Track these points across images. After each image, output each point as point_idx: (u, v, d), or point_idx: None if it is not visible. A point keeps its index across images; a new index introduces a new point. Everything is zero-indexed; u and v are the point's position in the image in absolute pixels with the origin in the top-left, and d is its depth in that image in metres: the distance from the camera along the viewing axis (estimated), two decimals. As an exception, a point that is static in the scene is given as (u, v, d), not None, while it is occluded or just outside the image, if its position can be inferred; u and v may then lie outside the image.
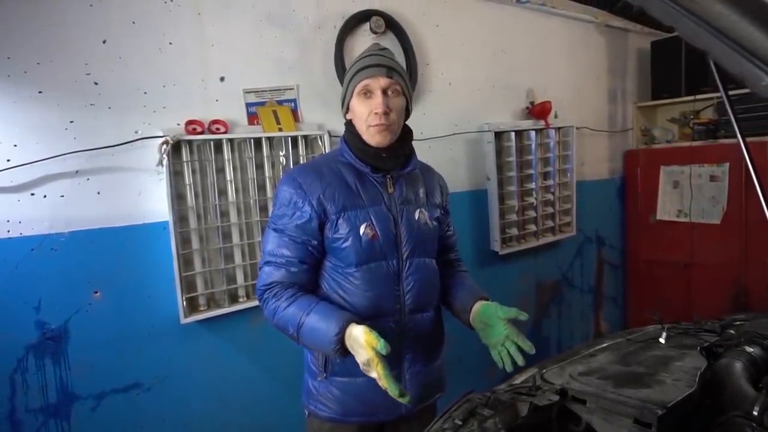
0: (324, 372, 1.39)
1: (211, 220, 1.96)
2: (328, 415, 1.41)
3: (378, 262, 1.34)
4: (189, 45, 1.91)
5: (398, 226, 1.37)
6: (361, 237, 1.31)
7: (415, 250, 1.39)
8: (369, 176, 1.36)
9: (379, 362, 1.13)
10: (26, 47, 1.62)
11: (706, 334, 1.71)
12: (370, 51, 1.39)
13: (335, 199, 1.31)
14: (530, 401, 1.20)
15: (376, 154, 1.35)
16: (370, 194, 1.35)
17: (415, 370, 1.42)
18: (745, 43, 0.54)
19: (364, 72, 1.32)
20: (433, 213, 1.47)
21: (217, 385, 2.01)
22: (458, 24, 2.73)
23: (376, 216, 1.34)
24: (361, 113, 1.33)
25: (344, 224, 1.31)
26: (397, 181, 1.39)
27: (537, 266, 3.23)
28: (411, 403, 1.18)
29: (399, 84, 1.34)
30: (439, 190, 1.53)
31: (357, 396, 1.38)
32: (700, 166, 3.32)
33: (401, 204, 1.38)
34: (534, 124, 3.01)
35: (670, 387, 1.28)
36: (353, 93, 1.34)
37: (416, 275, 1.39)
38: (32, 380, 1.67)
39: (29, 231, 1.66)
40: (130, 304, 1.83)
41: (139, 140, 1.81)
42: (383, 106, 1.30)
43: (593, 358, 1.59)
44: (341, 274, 1.34)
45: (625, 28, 3.66)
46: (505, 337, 1.35)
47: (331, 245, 1.34)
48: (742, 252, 3.15)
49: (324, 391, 1.40)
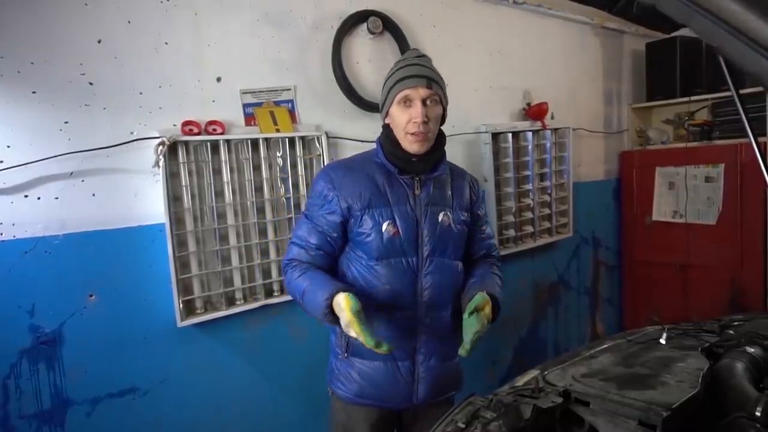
0: (346, 352, 1.50)
1: (207, 222, 1.94)
2: (344, 394, 1.51)
3: (398, 258, 1.43)
4: (185, 45, 1.89)
5: (420, 226, 1.44)
6: (383, 233, 1.41)
7: (436, 250, 1.46)
8: (397, 177, 1.45)
9: (356, 320, 1.24)
10: (20, 47, 1.60)
11: (706, 335, 1.71)
12: (409, 59, 1.45)
13: (361, 197, 1.41)
14: (533, 403, 1.19)
15: (406, 158, 1.44)
16: (396, 194, 1.44)
17: (429, 365, 1.49)
18: (762, 40, 0.53)
19: (405, 82, 1.39)
20: (459, 216, 1.53)
21: (214, 389, 1.99)
22: (455, 25, 2.73)
23: (400, 215, 1.42)
24: (400, 121, 1.41)
25: (368, 220, 1.41)
26: (424, 183, 1.47)
27: (534, 267, 3.23)
28: (385, 352, 1.26)
29: (438, 94, 1.41)
30: (469, 194, 1.59)
31: (372, 380, 1.48)
32: (695, 167, 3.34)
33: (426, 205, 1.45)
34: (531, 125, 3.01)
35: (674, 388, 1.27)
36: (393, 101, 1.41)
37: (435, 274, 1.46)
38: (26, 386, 1.64)
39: (23, 233, 1.63)
40: (126, 307, 1.80)
41: (134, 141, 1.79)
42: (422, 116, 1.37)
43: (595, 359, 1.59)
44: (364, 265, 1.44)
45: (621, 30, 3.68)
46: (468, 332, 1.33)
47: (356, 238, 1.44)
48: (737, 252, 3.17)
49: (344, 370, 1.51)
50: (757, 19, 0.53)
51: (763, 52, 0.54)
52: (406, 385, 1.48)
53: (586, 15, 3.38)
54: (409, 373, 1.48)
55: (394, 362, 1.46)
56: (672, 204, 3.49)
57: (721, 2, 0.56)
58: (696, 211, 3.35)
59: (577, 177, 3.43)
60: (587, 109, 3.57)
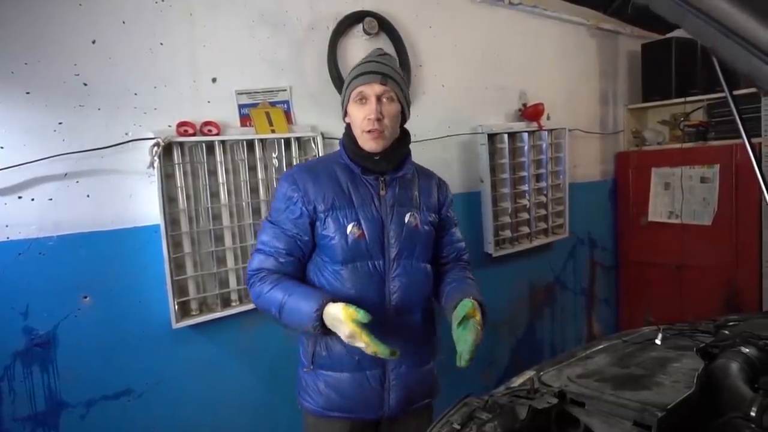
0: (311, 364, 1.44)
1: (203, 223, 1.93)
2: (312, 408, 1.46)
3: (364, 262, 1.39)
4: (180, 45, 1.89)
5: (386, 227, 1.41)
6: (347, 236, 1.37)
7: (403, 252, 1.42)
8: (361, 178, 1.42)
9: (362, 331, 1.19)
10: (13, 47, 1.59)
11: (701, 335, 1.71)
12: (369, 57, 1.43)
13: (325, 198, 1.37)
14: (529, 404, 1.19)
15: (369, 157, 1.41)
16: (361, 195, 1.40)
17: (400, 372, 1.44)
18: (755, 40, 0.53)
19: (360, 78, 1.37)
20: (426, 217, 1.49)
21: (209, 390, 1.98)
22: (451, 25, 2.73)
23: (365, 217, 1.39)
24: (356, 118, 1.39)
25: (332, 223, 1.37)
26: (389, 184, 1.43)
27: (530, 268, 3.24)
28: (397, 358, 1.24)
29: (393, 91, 1.38)
30: (437, 195, 1.55)
31: (339, 391, 1.42)
32: (690, 167, 3.35)
33: (391, 206, 1.42)
34: (527, 125, 3.01)
35: (669, 389, 1.27)
36: (350, 98, 1.39)
37: (403, 277, 1.42)
38: (20, 388, 1.63)
39: (16, 235, 1.62)
40: (121, 309, 1.79)
41: (129, 142, 1.78)
42: (376, 112, 1.35)
43: (590, 360, 1.59)
44: (329, 270, 1.40)
45: (616, 31, 3.69)
46: (459, 334, 1.30)
47: (320, 242, 1.40)
48: (733, 253, 3.18)
49: (311, 383, 1.46)
50: (750, 18, 0.53)
51: (755, 51, 0.54)
52: (375, 394, 1.43)
53: (582, 16, 3.39)
54: (379, 382, 1.42)
55: (362, 371, 1.41)
56: (668, 204, 3.50)
57: (713, 2, 0.56)
58: (691, 212, 3.36)
59: (574, 178, 3.44)
60: (583, 110, 3.58)
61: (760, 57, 0.53)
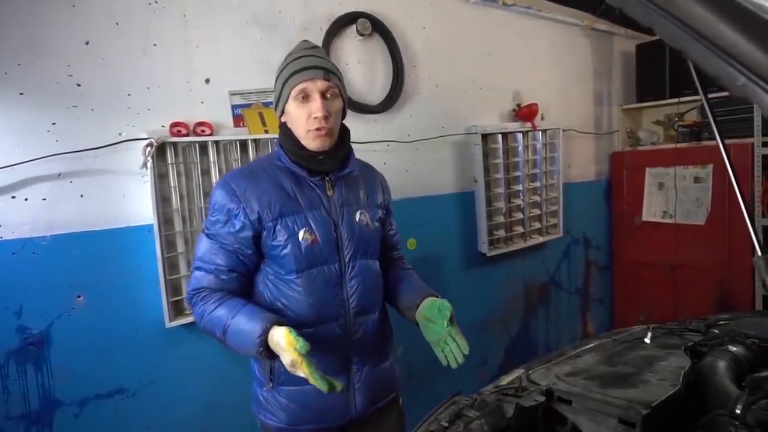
0: (270, 382, 1.37)
1: (196, 223, 1.94)
2: (276, 425, 1.39)
3: (319, 267, 1.32)
4: (174, 46, 1.90)
5: (339, 229, 1.35)
6: (300, 243, 1.30)
7: (358, 252, 1.38)
8: (307, 180, 1.34)
9: (303, 361, 1.11)
10: (6, 48, 1.60)
11: (690, 334, 1.72)
12: (302, 51, 1.33)
13: (271, 206, 1.29)
14: (516, 402, 1.20)
15: (312, 157, 1.33)
16: (308, 198, 1.33)
17: (364, 374, 1.41)
18: (720, 43, 0.54)
19: (301, 74, 1.27)
20: (375, 214, 1.46)
21: (203, 389, 1.99)
22: (445, 26, 2.74)
23: (315, 220, 1.32)
24: (298, 117, 1.30)
25: (282, 231, 1.29)
26: (336, 183, 1.37)
27: (524, 268, 3.25)
28: (340, 391, 1.18)
29: (337, 86, 1.32)
30: (381, 190, 1.52)
31: (303, 404, 1.36)
32: (684, 167, 3.37)
33: (341, 206, 1.37)
34: (521, 126, 3.03)
35: (655, 387, 1.29)
36: (289, 96, 1.29)
37: (359, 277, 1.38)
38: (13, 387, 1.64)
39: (10, 235, 1.63)
40: (114, 308, 1.80)
41: (122, 142, 1.79)
42: (323, 110, 1.27)
43: (579, 358, 1.60)
44: (282, 281, 1.32)
45: (611, 32, 3.71)
46: (447, 334, 1.30)
47: (270, 252, 1.32)
48: (726, 252, 3.20)
49: (272, 400, 1.39)
50: (717, 22, 0.55)
51: (723, 56, 0.55)
52: (341, 400, 1.38)
53: (576, 17, 3.40)
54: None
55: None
56: (662, 204, 3.51)
57: (685, 7, 0.57)
58: (685, 212, 3.38)
59: (568, 178, 3.45)
60: (578, 111, 3.59)
61: (725, 59, 0.55)
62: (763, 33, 0.53)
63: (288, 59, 1.33)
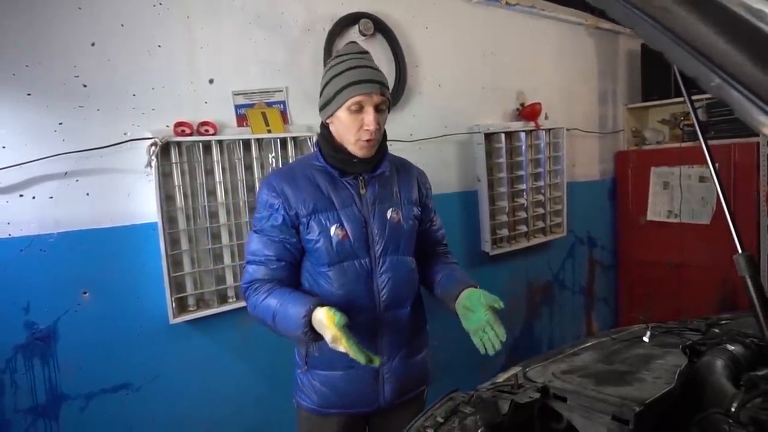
0: (305, 364, 1.47)
1: (200, 221, 1.97)
2: (309, 406, 1.48)
3: (350, 261, 1.40)
4: (178, 47, 1.92)
5: (369, 225, 1.42)
6: (332, 238, 1.38)
7: (388, 248, 1.44)
8: (340, 179, 1.41)
9: (342, 335, 1.18)
10: (14, 49, 1.63)
11: (689, 333, 1.72)
12: (356, 58, 1.36)
13: (306, 203, 1.38)
14: (511, 399, 1.21)
15: (347, 160, 1.40)
16: (341, 197, 1.41)
17: (393, 365, 1.47)
18: (697, 45, 0.56)
19: (358, 87, 1.31)
20: (409, 211, 1.50)
21: (206, 385, 2.02)
22: (448, 26, 2.75)
23: (347, 217, 1.40)
24: (349, 126, 1.35)
25: (315, 226, 1.38)
26: (369, 182, 1.44)
27: (528, 267, 3.25)
28: (383, 365, 1.27)
29: (388, 99, 1.38)
30: (417, 187, 1.56)
31: (335, 388, 1.45)
32: (689, 167, 3.35)
33: (372, 204, 1.43)
34: (524, 125, 3.02)
35: (650, 385, 1.29)
36: (343, 105, 1.33)
37: (390, 272, 1.44)
38: (21, 381, 1.67)
39: (18, 232, 1.66)
40: (119, 304, 1.83)
41: (128, 142, 1.82)
42: (375, 123, 1.33)
43: (577, 356, 1.60)
44: (317, 273, 1.42)
45: (615, 30, 3.69)
46: (486, 322, 1.38)
47: (306, 246, 1.42)
48: (731, 252, 3.16)
49: (306, 382, 1.48)
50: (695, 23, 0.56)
51: (701, 58, 0.56)
52: (371, 388, 1.46)
53: (580, 16, 3.40)
54: (373, 377, 1.45)
55: (355, 368, 1.39)
56: (667, 204, 3.50)
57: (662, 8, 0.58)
58: (690, 211, 3.36)
59: (573, 177, 3.44)
60: (582, 110, 3.58)
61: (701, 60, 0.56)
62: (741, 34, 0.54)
63: (341, 65, 1.35)
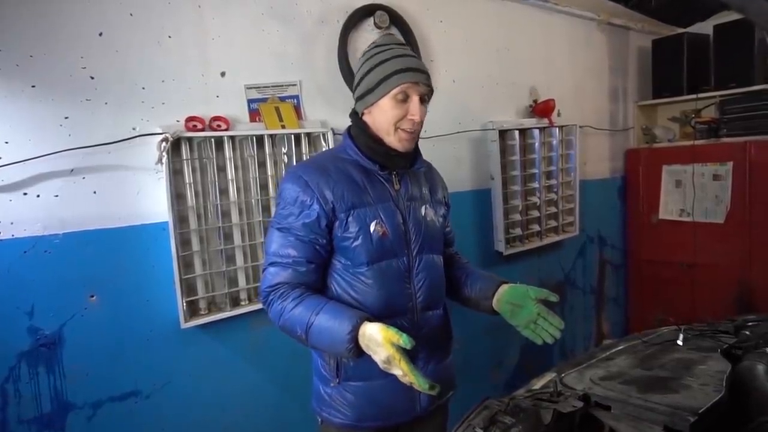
0: (337, 377, 1.36)
1: (211, 221, 1.89)
2: (341, 422, 1.37)
3: (389, 261, 1.33)
4: (189, 39, 1.85)
5: (407, 223, 1.36)
6: (371, 235, 1.30)
7: (424, 246, 1.38)
8: (376, 174, 1.34)
9: (402, 358, 1.09)
10: (18, 39, 1.55)
11: (722, 336, 1.67)
12: (399, 47, 1.31)
13: (344, 198, 1.29)
14: (553, 408, 1.16)
15: (387, 153, 1.33)
16: (377, 191, 1.34)
17: (429, 369, 1.40)
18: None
19: (405, 75, 1.26)
20: (439, 210, 1.48)
21: (218, 391, 1.95)
22: (462, 20, 2.68)
23: (385, 213, 1.32)
24: (391, 115, 1.28)
25: (354, 222, 1.29)
26: (402, 178, 1.38)
27: (540, 267, 3.20)
28: (436, 394, 1.14)
29: (432, 91, 1.33)
30: (441, 187, 1.54)
31: (373, 400, 1.35)
32: (702, 165, 3.30)
33: (407, 201, 1.37)
34: (537, 122, 2.97)
35: (698, 392, 1.24)
36: (388, 93, 1.27)
37: (425, 272, 1.38)
38: (25, 389, 1.59)
39: (21, 232, 1.58)
40: (128, 308, 1.76)
41: (137, 137, 1.74)
42: (421, 114, 1.28)
43: (611, 361, 1.55)
44: (352, 273, 1.32)
45: (627, 26, 3.64)
46: (537, 314, 1.32)
47: (341, 244, 1.31)
48: (746, 251, 3.13)
49: (337, 396, 1.37)
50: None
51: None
52: (408, 396, 1.36)
53: (592, 11, 3.34)
54: None
55: (394, 376, 1.25)
56: (679, 202, 3.45)
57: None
58: (703, 210, 3.32)
59: (583, 175, 3.39)
60: (593, 107, 3.53)
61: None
62: None
63: (386, 53, 1.29)
